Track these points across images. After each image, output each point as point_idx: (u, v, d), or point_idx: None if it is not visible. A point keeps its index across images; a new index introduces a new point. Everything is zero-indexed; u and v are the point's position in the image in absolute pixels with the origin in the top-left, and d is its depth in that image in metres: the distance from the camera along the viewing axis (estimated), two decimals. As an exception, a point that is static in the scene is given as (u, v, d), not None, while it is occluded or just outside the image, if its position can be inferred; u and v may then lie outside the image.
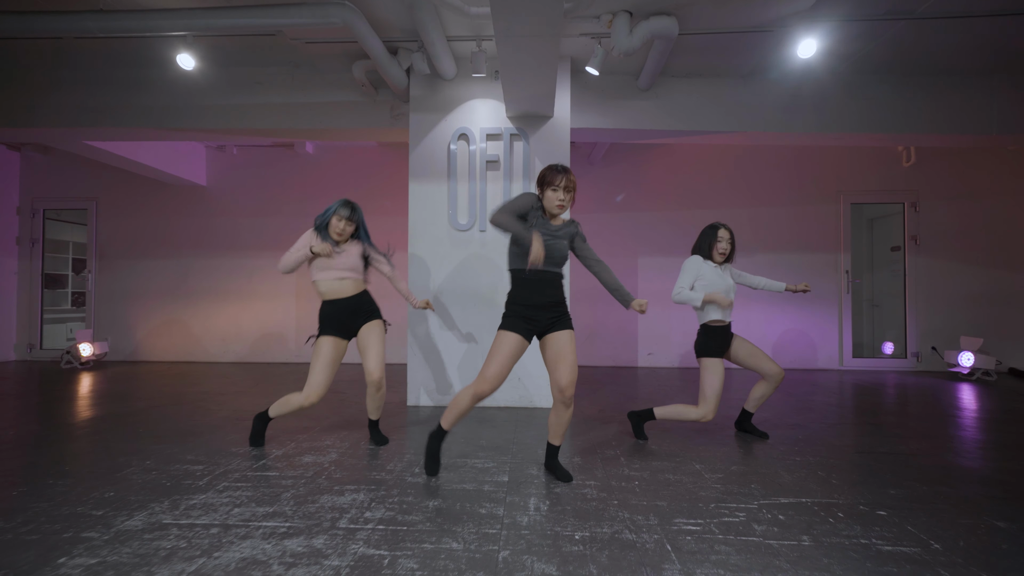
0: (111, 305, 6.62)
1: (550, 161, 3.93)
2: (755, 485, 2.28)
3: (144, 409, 3.72)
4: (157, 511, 1.98)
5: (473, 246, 3.96)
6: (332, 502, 2.08)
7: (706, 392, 2.86)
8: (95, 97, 4.41)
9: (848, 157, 6.13)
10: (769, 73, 4.22)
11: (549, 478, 2.36)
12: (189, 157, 6.39)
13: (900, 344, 6.16)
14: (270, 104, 4.36)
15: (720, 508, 2.03)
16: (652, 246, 6.22)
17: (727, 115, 4.31)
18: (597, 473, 2.43)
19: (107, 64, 4.32)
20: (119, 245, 6.64)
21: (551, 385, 2.28)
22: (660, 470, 2.48)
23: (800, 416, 3.63)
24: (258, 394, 4.32)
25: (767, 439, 3.04)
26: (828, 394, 4.51)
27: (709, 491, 2.21)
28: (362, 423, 3.36)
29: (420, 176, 4.00)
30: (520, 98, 3.60)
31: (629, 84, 4.26)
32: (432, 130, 4.01)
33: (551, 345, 2.28)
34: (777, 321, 6.07)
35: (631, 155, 6.31)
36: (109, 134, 4.60)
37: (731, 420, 3.47)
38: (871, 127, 4.29)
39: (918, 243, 6.00)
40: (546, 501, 2.09)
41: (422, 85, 4.02)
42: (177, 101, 4.38)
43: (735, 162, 6.22)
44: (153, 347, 6.56)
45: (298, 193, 6.54)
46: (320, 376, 2.64)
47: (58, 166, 6.67)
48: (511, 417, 3.58)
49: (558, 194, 2.23)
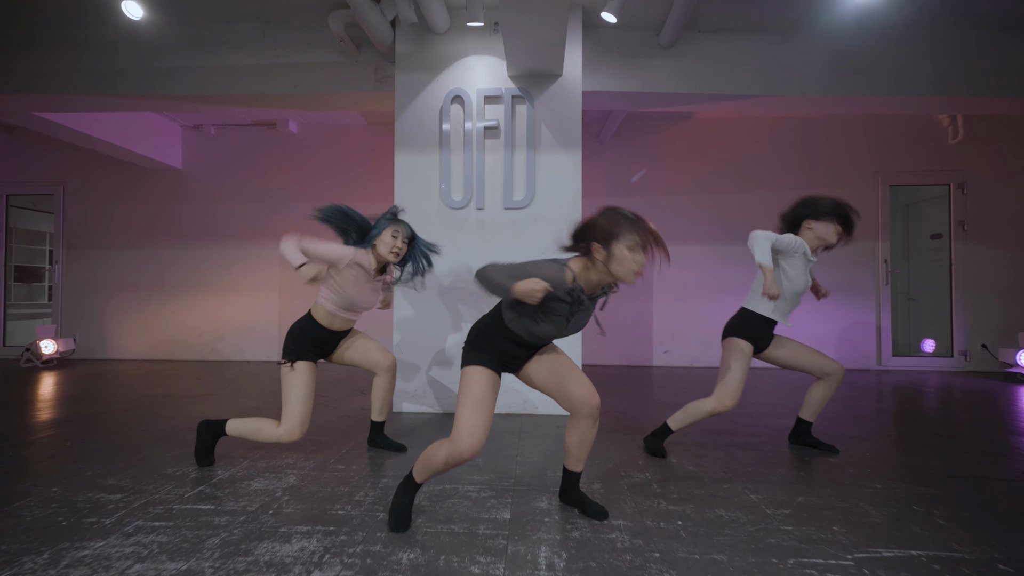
0: (80, 299, 6.09)
1: (558, 128, 3.37)
2: (838, 527, 1.71)
3: (87, 416, 3.18)
4: (25, 569, 1.43)
5: (469, 226, 3.40)
6: (271, 553, 1.53)
7: (726, 376, 2.32)
8: (40, 62, 3.87)
9: (886, 133, 5.53)
10: (812, 27, 3.64)
11: (563, 513, 1.81)
12: (163, 138, 5.85)
13: (944, 341, 5.57)
14: (238, 66, 3.80)
15: (804, 568, 1.47)
16: (669, 233, 5.63)
17: (762, 76, 3.73)
18: (626, 508, 1.87)
19: (50, 23, 3.78)
20: (89, 234, 6.11)
21: (565, 402, 1.73)
22: (706, 502, 1.92)
23: (853, 427, 3.06)
24: (225, 398, 3.77)
25: (836, 454, 2.49)
26: (875, 398, 3.94)
27: (779, 537, 1.65)
28: (338, 431, 2.81)
29: (407, 146, 3.44)
30: (524, 50, 3.02)
31: (649, 40, 3.69)
32: (421, 92, 3.44)
33: (543, 364, 1.75)
34: (807, 316, 5.49)
35: (646, 132, 5.73)
36: (59, 103, 4.06)
37: (775, 432, 2.91)
38: (928, 90, 3.70)
39: (965, 229, 5.40)
40: (562, 553, 1.54)
41: (410, 40, 3.45)
42: (132, 64, 3.83)
43: (760, 140, 5.63)
44: (125, 344, 6.03)
45: (282, 176, 6.00)
46: (303, 407, 2.15)
47: (23, 148, 6.14)
48: (511, 427, 3.03)
49: (637, 256, 1.53)
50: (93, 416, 3.19)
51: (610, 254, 1.52)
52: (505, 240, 3.37)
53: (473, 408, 1.59)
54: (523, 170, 3.38)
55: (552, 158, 3.37)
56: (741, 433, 2.88)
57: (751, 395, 3.98)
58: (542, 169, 3.37)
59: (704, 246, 5.64)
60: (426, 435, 2.83)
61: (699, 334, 5.58)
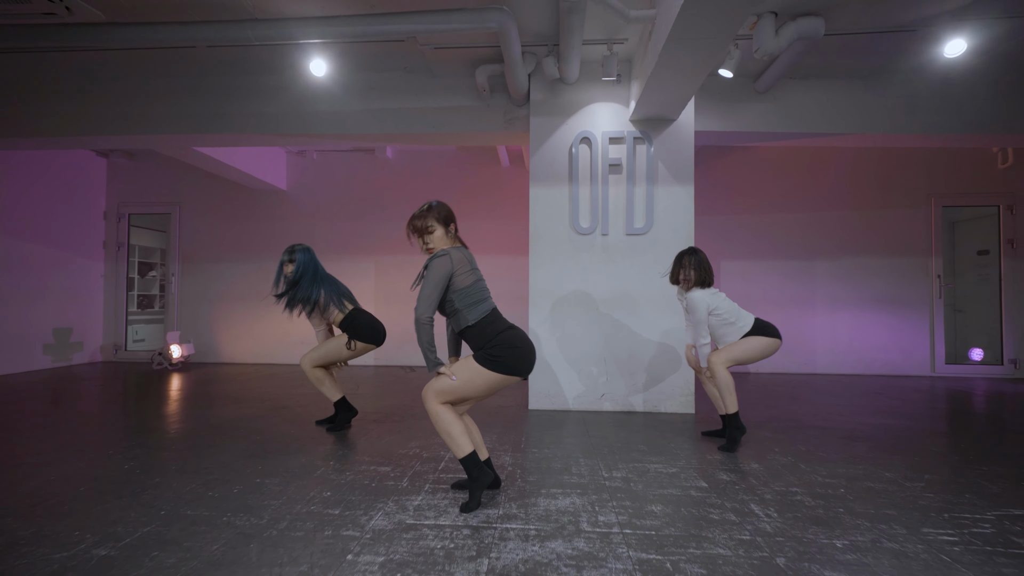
0: (193, 307, 6.73)
1: (673, 165, 3.92)
2: (969, 495, 2.22)
3: (276, 409, 3.76)
4: (388, 509, 1.98)
5: (595, 249, 3.95)
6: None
7: (732, 350, 2.91)
8: (208, 105, 4.48)
9: (938, 159, 6.02)
10: (891, 74, 4.16)
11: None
12: (270, 162, 6.49)
13: (993, 350, 6.01)
14: (385, 109, 4.40)
15: (958, 519, 1.98)
16: (736, 250, 6.15)
17: (844, 117, 4.25)
18: (790, 479, 2.39)
19: (217, 71, 4.38)
20: (201, 248, 6.75)
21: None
22: (851, 477, 2.44)
23: (938, 423, 3.55)
24: (364, 398, 4.34)
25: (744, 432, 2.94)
26: (944, 401, 4.41)
27: (926, 500, 2.16)
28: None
29: (541, 180, 4.01)
30: (654, 102, 3.58)
31: (746, 87, 4.23)
32: (553, 134, 4.01)
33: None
34: (865, 327, 5.96)
35: (713, 160, 6.26)
36: (223, 140, 4.68)
37: (872, 427, 3.40)
38: (995, 128, 4.20)
39: (1014, 247, 5.86)
40: (770, 505, 2.06)
41: (543, 89, 4.03)
42: (292, 108, 4.44)
43: (820, 164, 6.14)
44: (234, 349, 6.65)
45: (377, 197, 6.60)
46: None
47: (142, 171, 6.82)
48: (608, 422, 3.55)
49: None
50: (282, 409, 3.77)
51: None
52: (628, 262, 3.91)
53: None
54: (643, 201, 3.92)
55: (668, 190, 3.92)
56: (844, 429, 3.38)
57: (829, 399, 4.47)
58: (659, 200, 3.92)
59: (766, 262, 6.14)
60: (556, 428, 3.37)
61: (764, 342, 6.06)
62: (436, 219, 2.10)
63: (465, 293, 2.04)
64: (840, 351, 5.99)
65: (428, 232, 2.10)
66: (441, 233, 2.11)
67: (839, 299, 6.01)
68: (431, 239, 2.10)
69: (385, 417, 3.61)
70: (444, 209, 2.13)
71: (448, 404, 2.04)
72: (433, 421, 2.03)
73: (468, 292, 2.04)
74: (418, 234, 2.11)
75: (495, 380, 2.03)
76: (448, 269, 2.01)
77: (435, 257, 2.02)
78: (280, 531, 1.83)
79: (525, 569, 1.59)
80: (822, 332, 6.02)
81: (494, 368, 2.00)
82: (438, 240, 2.10)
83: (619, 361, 3.91)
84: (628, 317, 3.92)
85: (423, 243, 2.12)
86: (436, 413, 2.02)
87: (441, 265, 2.00)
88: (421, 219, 2.10)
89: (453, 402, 2.06)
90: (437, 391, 2.01)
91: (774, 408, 4.02)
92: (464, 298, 2.04)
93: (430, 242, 2.10)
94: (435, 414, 2.02)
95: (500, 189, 6.45)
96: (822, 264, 6.08)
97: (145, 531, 1.82)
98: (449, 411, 2.03)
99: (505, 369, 2.01)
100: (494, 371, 2.00)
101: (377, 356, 6.47)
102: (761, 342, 2.92)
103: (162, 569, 1.57)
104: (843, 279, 6.03)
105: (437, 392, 2.01)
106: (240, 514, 1.97)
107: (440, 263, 2.01)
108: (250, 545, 1.73)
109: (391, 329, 6.54)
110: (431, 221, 2.09)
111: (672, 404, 3.87)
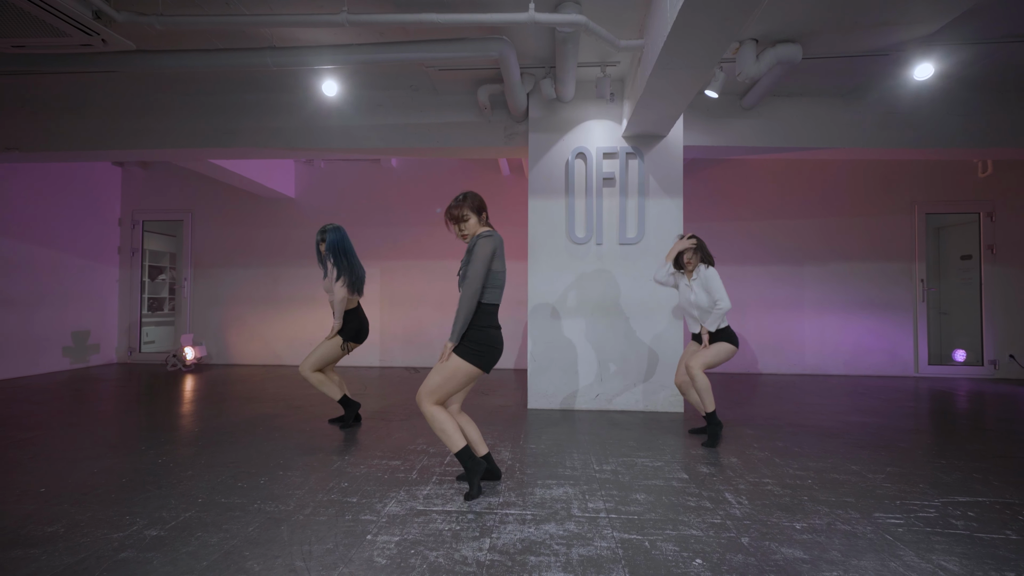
0: (204, 310, 6.98)
1: (664, 179, 4.16)
2: (923, 485, 2.47)
3: (296, 408, 4.01)
4: (400, 497, 2.23)
5: (590, 258, 4.20)
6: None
7: (706, 356, 3.20)
8: (227, 121, 4.73)
9: (922, 169, 6.26)
10: (868, 92, 4.40)
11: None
12: (279, 170, 6.73)
13: (975, 352, 6.25)
14: (391, 125, 4.65)
15: (907, 504, 2.22)
16: (729, 256, 6.40)
17: (826, 132, 4.50)
18: (764, 471, 2.64)
19: (236, 90, 4.63)
20: (212, 254, 7.00)
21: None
22: (819, 470, 2.68)
23: (912, 421, 3.79)
24: (370, 398, 4.59)
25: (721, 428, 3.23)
26: (923, 400, 4.65)
27: (884, 490, 2.40)
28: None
29: (539, 192, 4.25)
30: (645, 120, 3.83)
31: (733, 103, 4.48)
32: (551, 149, 4.26)
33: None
34: (851, 329, 6.20)
35: (706, 169, 6.51)
36: (240, 154, 4.94)
37: (846, 425, 3.65)
38: (965, 142, 4.44)
39: (994, 252, 6.10)
40: (743, 494, 2.31)
41: (541, 107, 4.27)
42: (305, 123, 4.69)
43: (808, 174, 6.38)
44: (244, 351, 6.90)
45: (382, 204, 6.85)
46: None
47: (155, 180, 7.07)
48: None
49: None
50: (296, 409, 4.02)
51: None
52: (621, 269, 4.16)
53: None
54: (635, 212, 4.17)
55: (658, 202, 4.16)
56: (822, 427, 3.63)
57: (814, 398, 4.72)
58: (650, 212, 4.16)
59: (759, 267, 6.39)
60: (551, 425, 3.61)
61: (754, 344, 6.31)
62: (470, 208, 2.36)
63: (493, 274, 2.30)
64: (827, 353, 6.23)
65: (464, 220, 2.35)
66: (475, 221, 2.37)
67: (826, 302, 6.25)
68: (466, 226, 2.36)
69: (392, 416, 3.86)
70: (477, 199, 2.39)
71: (440, 405, 2.31)
72: (429, 422, 2.29)
73: (495, 275, 2.31)
74: (455, 222, 2.36)
75: (472, 373, 2.30)
76: (493, 247, 2.28)
77: (482, 236, 2.29)
78: (306, 516, 2.08)
79: (522, 547, 1.83)
80: (810, 334, 6.27)
81: (473, 361, 2.27)
82: (472, 227, 2.36)
83: (612, 363, 4.16)
84: (621, 321, 4.16)
85: (459, 230, 2.37)
86: (431, 414, 2.28)
87: (488, 244, 2.27)
88: (457, 208, 2.36)
89: (442, 400, 2.31)
90: (429, 392, 2.27)
91: (759, 407, 4.26)
92: (489, 279, 2.30)
93: (465, 229, 2.36)
94: (430, 415, 2.27)
95: (501, 197, 6.69)
96: (810, 268, 6.32)
97: (187, 516, 2.07)
98: (442, 411, 2.29)
99: (481, 364, 2.28)
100: (473, 364, 2.27)
101: (382, 358, 6.72)
102: (729, 349, 3.22)
103: (207, 546, 1.82)
104: (830, 283, 6.27)
105: (429, 393, 2.27)
106: (269, 502, 2.22)
107: (487, 242, 2.28)
108: (281, 527, 1.97)
109: (394, 332, 6.86)
110: (465, 210, 2.35)
111: (662, 403, 4.12)
